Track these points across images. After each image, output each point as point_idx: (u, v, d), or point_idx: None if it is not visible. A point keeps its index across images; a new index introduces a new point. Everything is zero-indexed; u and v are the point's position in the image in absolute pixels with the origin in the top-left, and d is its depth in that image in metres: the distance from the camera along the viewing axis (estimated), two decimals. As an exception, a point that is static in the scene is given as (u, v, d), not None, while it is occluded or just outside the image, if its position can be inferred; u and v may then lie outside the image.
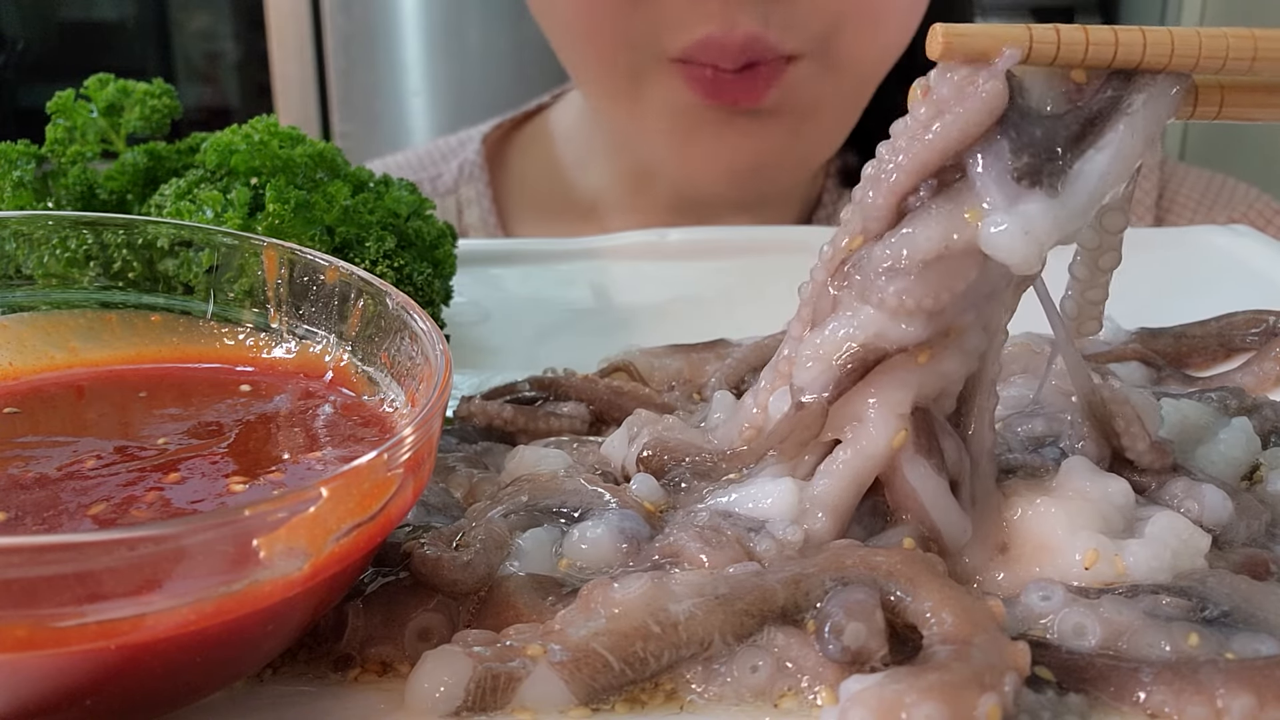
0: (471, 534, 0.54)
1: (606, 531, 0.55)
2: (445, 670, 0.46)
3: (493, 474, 0.65)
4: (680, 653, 0.47)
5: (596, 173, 1.40)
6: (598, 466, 0.64)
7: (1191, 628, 0.48)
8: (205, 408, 0.57)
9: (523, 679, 0.46)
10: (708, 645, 0.47)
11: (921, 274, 0.51)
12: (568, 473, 0.62)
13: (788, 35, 1.09)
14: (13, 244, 0.61)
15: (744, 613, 0.48)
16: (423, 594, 0.51)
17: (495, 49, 3.01)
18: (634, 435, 0.64)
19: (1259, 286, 0.86)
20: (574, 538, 0.55)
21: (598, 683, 0.46)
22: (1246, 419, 0.65)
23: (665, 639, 0.47)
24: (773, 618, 0.48)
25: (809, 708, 0.47)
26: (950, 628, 0.46)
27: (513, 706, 0.46)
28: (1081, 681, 0.47)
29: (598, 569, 0.54)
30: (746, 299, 0.91)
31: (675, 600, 0.48)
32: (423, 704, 0.46)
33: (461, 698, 0.46)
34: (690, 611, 0.47)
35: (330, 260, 0.60)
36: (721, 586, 0.48)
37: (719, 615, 0.47)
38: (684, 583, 0.49)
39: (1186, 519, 0.54)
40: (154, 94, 0.80)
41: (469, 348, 0.88)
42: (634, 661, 0.46)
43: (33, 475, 0.49)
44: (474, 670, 0.46)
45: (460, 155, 1.47)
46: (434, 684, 0.46)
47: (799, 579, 0.49)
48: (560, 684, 0.46)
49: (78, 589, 0.39)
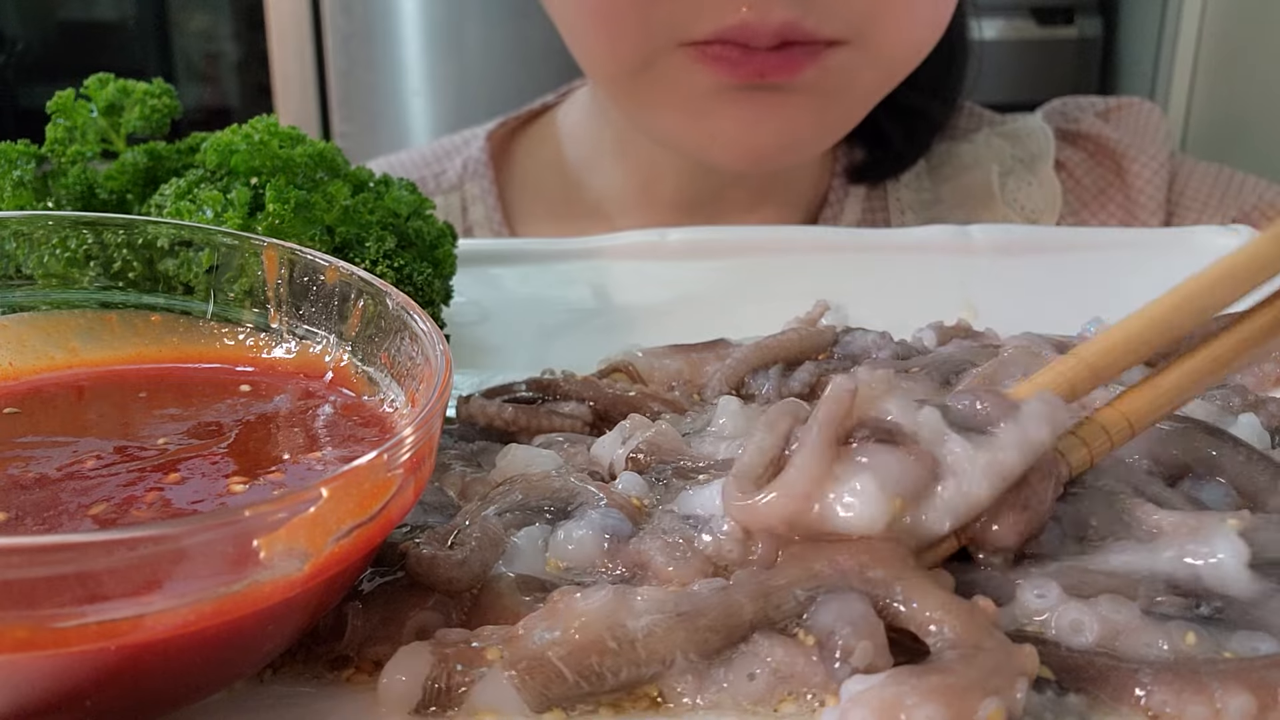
0: (466, 533, 0.54)
1: (590, 531, 0.55)
2: (407, 665, 0.47)
3: (485, 473, 0.65)
4: (640, 670, 0.46)
5: (604, 171, 1.39)
6: (586, 466, 0.65)
7: (1189, 626, 0.48)
8: (205, 408, 0.57)
9: (475, 682, 0.46)
10: (669, 663, 0.46)
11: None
12: (559, 472, 0.62)
13: (825, 22, 1.05)
14: (13, 244, 0.61)
15: (708, 629, 0.47)
16: (420, 593, 0.51)
17: (495, 49, 3.01)
18: (627, 436, 0.64)
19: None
20: (559, 538, 0.55)
21: (551, 692, 0.45)
22: (1253, 415, 0.65)
23: (622, 655, 0.46)
24: (741, 634, 0.47)
25: (809, 711, 0.46)
26: (957, 633, 0.46)
27: (467, 708, 0.46)
28: (1081, 680, 0.47)
29: (583, 568, 0.54)
30: (746, 299, 0.91)
31: (635, 616, 0.47)
32: (388, 696, 0.47)
33: (419, 695, 0.46)
34: (649, 628, 0.46)
35: (330, 260, 0.60)
36: (684, 604, 0.47)
37: (680, 633, 0.46)
38: (646, 598, 0.48)
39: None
40: (154, 94, 0.80)
41: (469, 348, 0.88)
42: (589, 675, 0.46)
43: (33, 475, 0.49)
44: (430, 668, 0.46)
45: (465, 152, 1.46)
46: (397, 678, 0.47)
47: (766, 592, 0.48)
48: (511, 691, 0.45)
49: (78, 589, 0.39)
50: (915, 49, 1.15)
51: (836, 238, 1.01)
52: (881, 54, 1.11)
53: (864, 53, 1.10)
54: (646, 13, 1.07)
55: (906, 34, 1.12)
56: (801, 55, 1.07)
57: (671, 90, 1.13)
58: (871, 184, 1.39)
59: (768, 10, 1.03)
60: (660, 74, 1.12)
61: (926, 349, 0.79)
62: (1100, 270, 0.93)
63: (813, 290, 0.89)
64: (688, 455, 0.62)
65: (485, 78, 3.02)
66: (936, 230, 0.99)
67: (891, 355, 0.77)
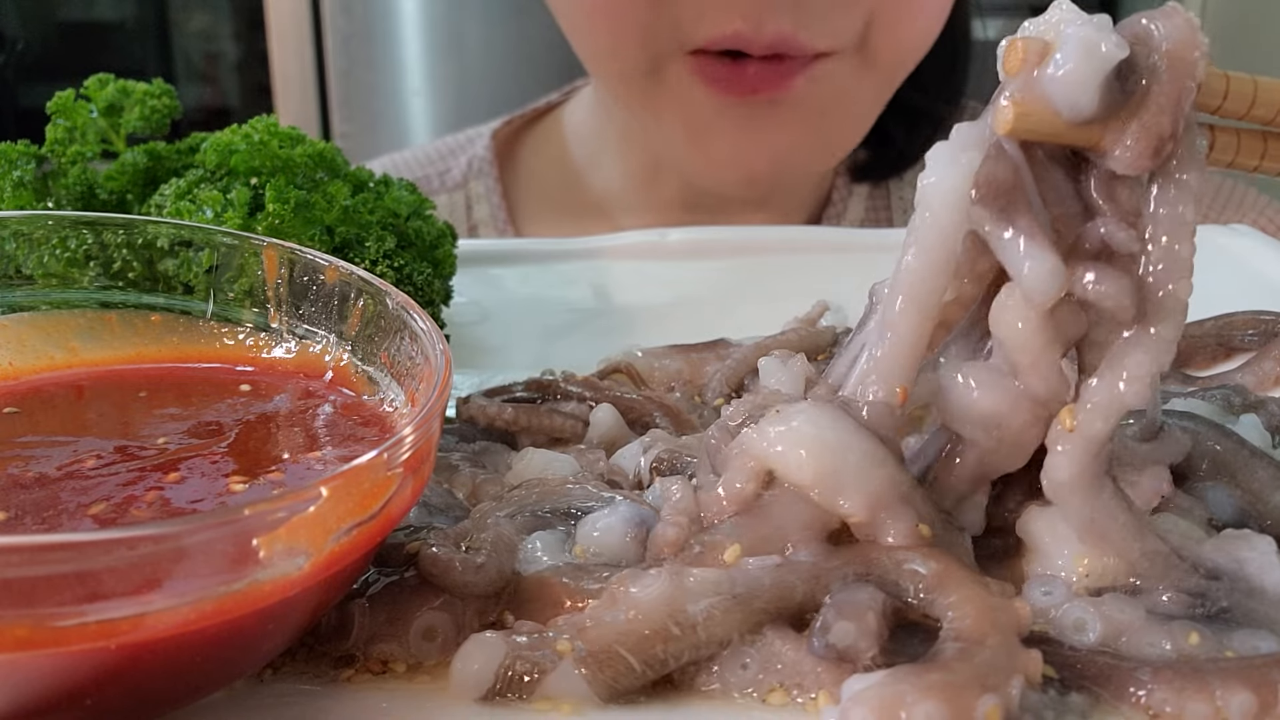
0: (480, 537, 0.54)
1: (619, 520, 0.55)
2: (480, 654, 0.47)
3: (495, 474, 0.65)
4: (699, 652, 0.48)
5: (608, 170, 1.39)
6: (606, 475, 0.65)
7: (1192, 626, 0.49)
8: (205, 407, 0.57)
9: (548, 672, 0.47)
10: (726, 644, 0.48)
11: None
12: (577, 478, 0.62)
13: (819, 35, 1.06)
14: (13, 244, 0.61)
15: (762, 610, 0.48)
16: (427, 593, 0.51)
17: (495, 49, 3.01)
18: (648, 446, 0.65)
19: (1259, 287, 0.86)
20: (586, 527, 0.56)
21: (620, 684, 0.47)
22: (1254, 415, 0.65)
23: (685, 640, 0.47)
24: (789, 614, 0.48)
25: (807, 708, 0.47)
26: (967, 624, 0.46)
27: (537, 696, 0.47)
28: (1083, 679, 0.47)
29: (612, 557, 0.55)
30: (746, 299, 0.91)
31: (693, 600, 0.48)
32: (461, 684, 0.47)
33: (491, 682, 0.47)
34: (708, 611, 0.48)
35: (330, 260, 0.60)
36: (739, 585, 0.49)
37: (737, 614, 0.48)
38: (701, 580, 0.49)
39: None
40: (154, 94, 0.81)
41: (469, 348, 0.88)
42: (654, 663, 0.47)
43: (33, 475, 0.49)
44: (505, 657, 0.47)
45: (469, 151, 1.46)
46: (469, 665, 0.47)
47: (819, 574, 0.49)
48: (582, 682, 0.47)
49: (78, 588, 0.39)
50: (912, 51, 1.15)
51: (837, 238, 1.01)
52: (876, 60, 1.12)
53: (857, 60, 1.11)
54: (647, 13, 1.08)
55: (903, 37, 1.12)
56: (792, 65, 1.08)
57: (673, 101, 1.14)
58: (874, 183, 1.39)
59: (762, 21, 1.04)
60: (663, 85, 1.13)
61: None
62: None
63: (813, 290, 0.89)
64: None
65: (485, 77, 3.02)
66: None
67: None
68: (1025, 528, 0.54)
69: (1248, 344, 0.79)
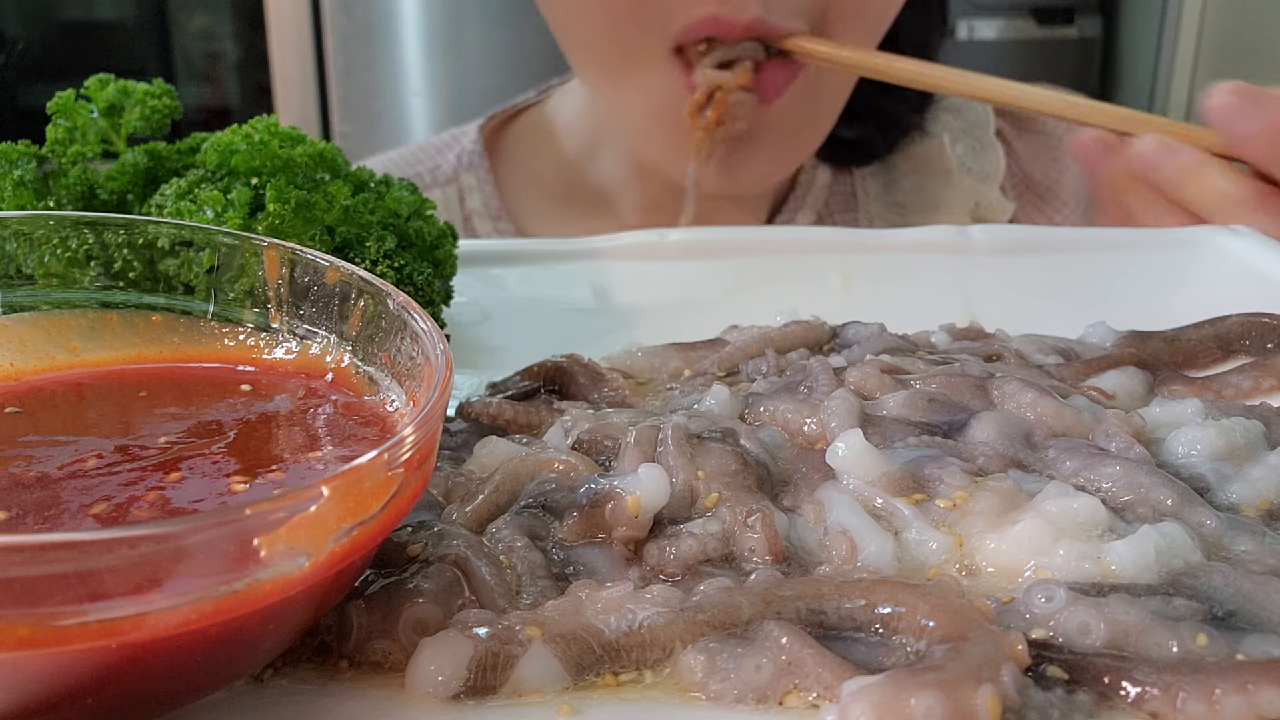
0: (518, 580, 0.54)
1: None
2: (446, 653, 0.47)
3: (464, 471, 0.65)
4: (645, 653, 0.49)
5: (606, 161, 1.43)
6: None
7: (1200, 628, 0.48)
8: (206, 407, 0.57)
9: (519, 656, 0.47)
10: (669, 651, 0.49)
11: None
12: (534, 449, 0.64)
13: (789, 17, 1.13)
14: (13, 244, 0.61)
15: (704, 624, 0.49)
16: (416, 587, 0.52)
17: (495, 49, 3.01)
18: (569, 429, 0.67)
19: (1258, 287, 0.86)
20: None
21: (585, 661, 0.48)
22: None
23: (631, 637, 0.49)
24: (739, 628, 0.50)
25: (810, 707, 0.47)
26: (945, 629, 0.47)
27: (510, 685, 0.47)
28: (1088, 678, 0.47)
29: None
30: (747, 299, 0.91)
31: (644, 607, 0.50)
32: (424, 688, 0.47)
33: (464, 679, 0.47)
34: (653, 619, 0.50)
35: (331, 260, 0.60)
36: (689, 600, 0.51)
37: (679, 624, 0.49)
38: (656, 594, 0.51)
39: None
40: (154, 94, 0.81)
41: (469, 348, 0.88)
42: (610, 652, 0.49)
43: (34, 474, 0.49)
44: (474, 650, 0.47)
45: (459, 145, 1.50)
46: (435, 668, 0.47)
47: (770, 600, 0.50)
48: (555, 661, 0.48)
49: (79, 588, 0.39)
50: (872, 30, 1.22)
51: (837, 238, 1.01)
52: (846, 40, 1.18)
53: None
54: (629, 3, 1.13)
55: (864, 15, 1.19)
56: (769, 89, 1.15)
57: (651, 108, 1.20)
58: (839, 168, 1.48)
59: (739, 6, 1.10)
60: (643, 81, 1.18)
61: (935, 348, 0.80)
62: (1100, 270, 0.93)
63: (813, 290, 0.89)
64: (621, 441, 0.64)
65: (485, 78, 3.02)
66: (937, 230, 1.00)
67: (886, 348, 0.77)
68: None
69: (1245, 347, 0.79)
